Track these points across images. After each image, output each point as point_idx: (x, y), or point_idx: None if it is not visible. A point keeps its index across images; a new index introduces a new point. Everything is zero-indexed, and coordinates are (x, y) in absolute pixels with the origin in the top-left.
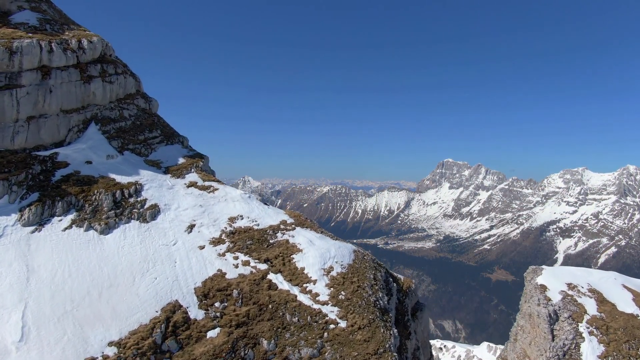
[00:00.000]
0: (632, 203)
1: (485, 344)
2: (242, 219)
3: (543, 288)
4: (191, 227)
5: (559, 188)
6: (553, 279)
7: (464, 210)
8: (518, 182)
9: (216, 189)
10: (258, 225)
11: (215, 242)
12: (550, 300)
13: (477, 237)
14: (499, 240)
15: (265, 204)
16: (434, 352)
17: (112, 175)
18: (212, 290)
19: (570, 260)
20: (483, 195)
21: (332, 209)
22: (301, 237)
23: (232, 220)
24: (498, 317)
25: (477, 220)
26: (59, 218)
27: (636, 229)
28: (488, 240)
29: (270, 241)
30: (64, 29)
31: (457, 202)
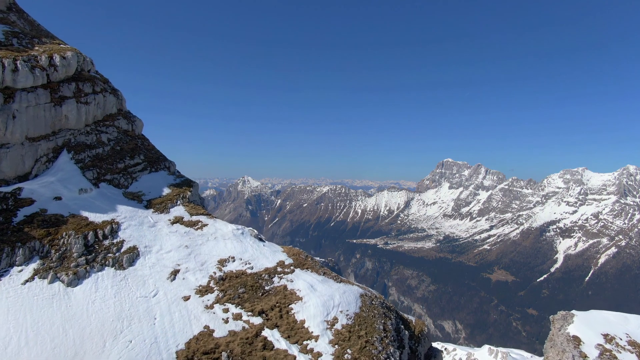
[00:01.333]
0: (632, 203)
1: (486, 347)
2: (234, 261)
3: (577, 341)
4: (175, 273)
5: (559, 188)
6: (587, 329)
7: (464, 210)
8: (518, 182)
9: (205, 225)
10: (252, 268)
11: (203, 290)
12: (586, 357)
13: (477, 237)
14: (498, 240)
15: (260, 239)
16: None
17: (85, 213)
18: (197, 354)
19: (570, 261)
20: (483, 195)
21: (332, 209)
22: (301, 281)
23: (222, 262)
24: (498, 318)
25: (477, 220)
26: (19, 268)
27: (636, 229)
28: (488, 241)
29: (266, 288)
30: (34, 43)
31: (457, 202)
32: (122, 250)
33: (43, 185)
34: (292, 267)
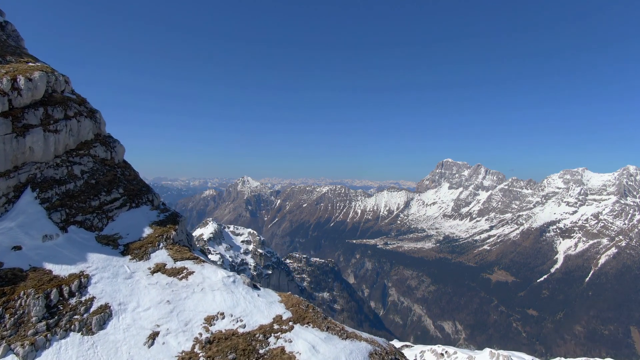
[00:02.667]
0: (632, 203)
1: (487, 350)
2: (224, 318)
3: None
4: (154, 337)
5: (559, 188)
6: None
7: (464, 210)
8: (518, 182)
9: (191, 273)
10: (244, 326)
11: (186, 358)
12: None
13: (477, 237)
14: (498, 240)
15: (256, 287)
16: (434, 358)
17: (49, 266)
18: None
19: (570, 261)
20: (483, 196)
21: (332, 209)
22: (301, 341)
23: (209, 321)
24: (498, 318)
25: (477, 221)
26: None
27: (636, 230)
28: (488, 241)
29: (260, 351)
30: None
31: (457, 202)
32: (92, 310)
33: (0, 232)
34: (290, 323)
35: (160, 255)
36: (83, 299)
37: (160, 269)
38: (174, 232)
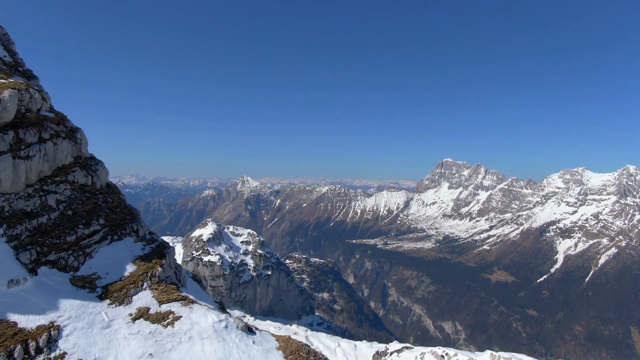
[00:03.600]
0: (632, 203)
1: (488, 352)
2: None
3: None
4: None
5: (559, 188)
6: None
7: (464, 210)
8: (517, 182)
9: (178, 318)
10: None
11: None
12: None
13: (477, 237)
14: (498, 240)
15: (251, 330)
16: None
17: (14, 317)
18: None
19: (570, 261)
20: (482, 196)
21: (332, 209)
22: None
23: None
24: (498, 319)
25: (477, 221)
26: None
27: (636, 230)
28: (488, 241)
29: None
30: None
31: (457, 202)
32: None
33: None
34: None
35: (144, 298)
36: (52, 355)
37: (143, 314)
38: (159, 268)
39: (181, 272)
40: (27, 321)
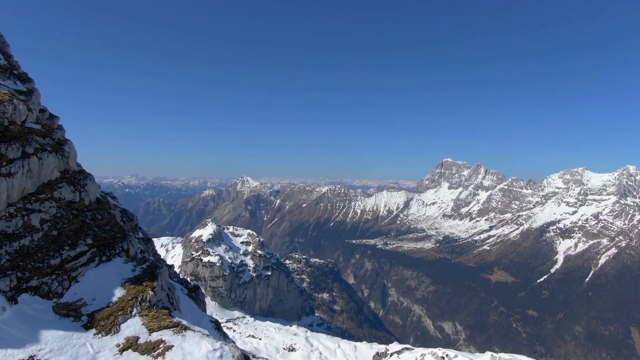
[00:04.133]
0: (632, 204)
1: (489, 354)
2: None
3: None
4: None
5: (559, 188)
6: None
7: (464, 210)
8: (517, 182)
9: (169, 348)
10: None
11: None
12: None
13: (477, 237)
14: (498, 240)
15: (248, 359)
16: None
17: None
18: None
19: (570, 262)
20: (482, 196)
21: (332, 209)
22: None
23: None
24: (498, 319)
25: (477, 221)
26: None
27: (636, 230)
28: (488, 241)
29: None
30: None
31: (457, 202)
32: None
33: None
34: None
35: (133, 326)
36: None
37: (131, 344)
38: (151, 292)
39: (174, 293)
40: (5, 356)
